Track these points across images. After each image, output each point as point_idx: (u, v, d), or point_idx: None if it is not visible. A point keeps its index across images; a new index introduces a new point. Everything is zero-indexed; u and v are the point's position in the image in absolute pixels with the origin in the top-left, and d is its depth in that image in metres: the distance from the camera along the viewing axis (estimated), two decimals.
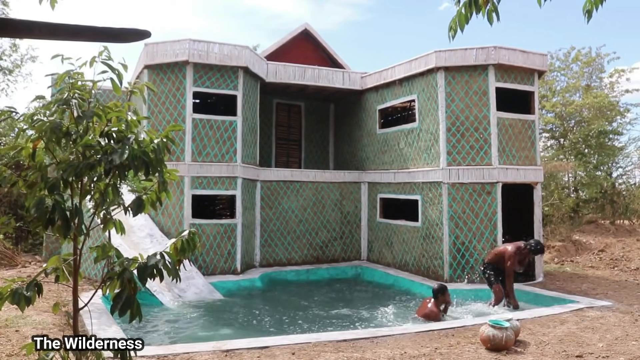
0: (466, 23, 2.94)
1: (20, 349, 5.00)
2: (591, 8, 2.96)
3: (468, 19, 2.93)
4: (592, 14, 2.97)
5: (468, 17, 2.92)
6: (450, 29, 3.01)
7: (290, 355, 5.15)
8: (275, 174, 12.31)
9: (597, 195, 18.67)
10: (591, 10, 2.96)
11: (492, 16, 2.90)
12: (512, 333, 5.51)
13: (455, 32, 3.00)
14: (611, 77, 20.68)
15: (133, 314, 2.57)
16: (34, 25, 2.33)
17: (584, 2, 2.98)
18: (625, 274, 10.84)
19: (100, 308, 7.07)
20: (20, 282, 2.62)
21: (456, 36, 3.03)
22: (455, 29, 2.98)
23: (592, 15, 2.96)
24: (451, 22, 3.00)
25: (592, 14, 2.96)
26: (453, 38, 3.03)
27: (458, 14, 2.95)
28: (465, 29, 3.00)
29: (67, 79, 2.74)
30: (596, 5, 2.94)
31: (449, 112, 10.26)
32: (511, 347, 5.47)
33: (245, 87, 11.15)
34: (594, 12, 2.98)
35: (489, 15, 2.89)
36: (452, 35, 3.01)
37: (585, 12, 2.97)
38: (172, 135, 2.79)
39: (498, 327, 5.49)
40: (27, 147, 2.75)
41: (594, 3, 2.94)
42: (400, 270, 11.46)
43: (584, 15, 2.98)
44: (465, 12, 2.92)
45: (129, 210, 2.80)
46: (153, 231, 10.31)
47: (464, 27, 2.95)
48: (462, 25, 2.95)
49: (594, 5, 2.95)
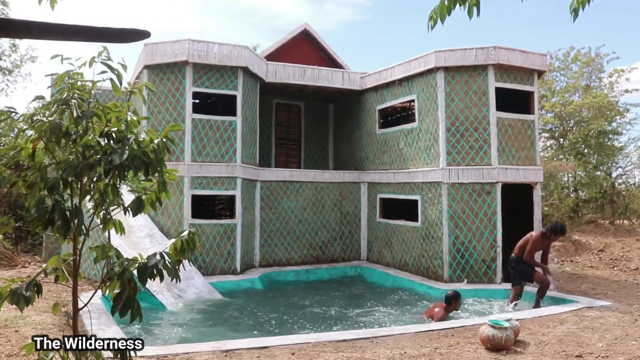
0: (448, 14, 2.91)
1: (20, 349, 5.00)
2: (577, 7, 2.97)
3: (450, 11, 2.90)
4: (578, 12, 2.98)
5: (450, 9, 2.90)
6: (431, 19, 2.97)
7: (290, 356, 5.15)
8: (275, 174, 12.31)
9: (596, 195, 18.68)
10: (577, 8, 2.98)
11: (472, 10, 2.89)
12: (511, 333, 5.50)
13: (435, 23, 2.96)
14: (611, 77, 20.69)
15: (133, 314, 2.57)
16: (33, 25, 2.33)
17: (571, 1, 2.99)
18: (624, 274, 10.85)
19: (99, 308, 7.07)
20: (19, 282, 2.62)
21: (435, 27, 3.00)
22: (435, 19, 2.95)
23: (578, 14, 2.97)
24: (432, 12, 2.96)
25: (578, 13, 2.98)
26: (432, 28, 2.98)
27: (440, 5, 2.92)
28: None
29: (66, 79, 2.74)
30: (582, 4, 2.95)
31: (448, 112, 10.26)
32: (511, 347, 5.47)
33: (244, 87, 11.15)
34: (581, 12, 2.99)
35: (470, 9, 2.88)
36: (432, 25, 2.97)
37: (572, 11, 2.99)
38: (171, 136, 2.79)
39: (498, 327, 5.48)
40: (26, 147, 2.75)
41: (581, 2, 2.95)
42: (399, 270, 11.46)
43: (570, 13, 2.99)
44: (449, 3, 2.91)
45: (128, 211, 2.80)
46: (153, 231, 10.31)
47: (445, 18, 2.92)
48: (444, 17, 2.92)
49: (580, 5, 2.96)
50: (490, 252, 9.89)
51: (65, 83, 2.73)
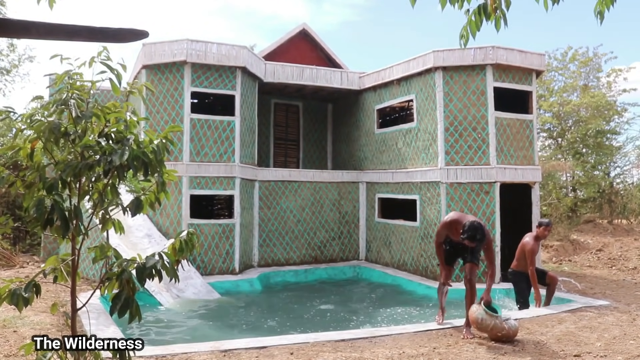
0: (477, 30, 2.99)
1: (19, 349, 4.99)
2: (602, 9, 2.96)
3: (479, 26, 2.98)
4: (604, 14, 2.97)
5: (479, 25, 2.97)
6: (462, 37, 3.07)
7: (289, 355, 5.15)
8: (274, 174, 12.30)
9: (594, 195, 18.71)
10: (602, 11, 2.96)
11: (499, 22, 2.94)
12: (500, 323, 5.68)
13: (467, 40, 3.07)
14: (608, 77, 20.75)
15: (132, 314, 2.56)
16: (31, 25, 2.32)
17: (595, 4, 2.98)
18: (623, 274, 10.87)
19: (98, 308, 7.06)
20: (18, 283, 2.62)
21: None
22: (467, 37, 3.06)
23: (604, 16, 2.96)
24: (462, 30, 3.07)
25: (604, 15, 2.96)
26: (465, 45, 3.10)
27: (469, 22, 3.00)
28: (461, 28, 3.04)
29: (66, 79, 2.73)
30: (607, 5, 2.94)
31: (447, 111, 10.27)
32: (498, 337, 5.67)
33: (243, 87, 11.15)
34: (580, 12, 3.00)
35: (497, 21, 2.93)
36: (464, 42, 3.09)
37: (597, 14, 2.97)
38: (170, 136, 2.79)
39: (489, 313, 5.74)
40: (25, 147, 2.74)
41: (605, 3, 2.94)
42: (398, 270, 11.46)
43: (596, 16, 2.97)
44: (476, 19, 2.96)
45: (127, 211, 2.80)
46: (151, 231, 10.30)
47: (475, 34, 3.03)
48: (474, 33, 3.03)
49: (605, 6, 2.95)
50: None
51: (65, 83, 2.73)
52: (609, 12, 2.97)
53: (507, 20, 2.92)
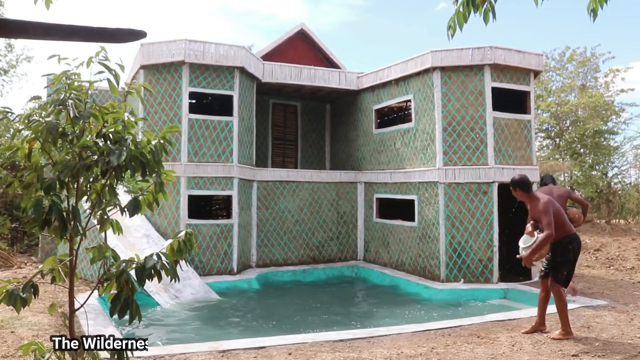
0: (465, 22, 2.98)
1: (17, 349, 4.99)
2: (596, 7, 2.96)
3: (466, 18, 2.96)
4: (597, 12, 2.97)
5: (466, 16, 2.96)
6: (449, 28, 3.05)
7: (287, 356, 5.15)
8: (272, 174, 12.30)
9: (592, 195, 18.72)
10: (596, 9, 2.97)
11: (488, 15, 2.93)
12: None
13: (454, 31, 3.05)
14: (606, 77, 20.75)
15: (132, 315, 2.56)
16: (28, 25, 2.32)
17: (588, 1, 2.99)
18: (621, 273, 10.89)
19: (96, 309, 7.06)
20: (16, 283, 2.61)
21: (455, 35, 3.06)
22: (454, 28, 3.03)
23: (597, 14, 2.96)
24: (450, 21, 3.05)
25: (597, 13, 2.97)
26: (452, 37, 3.09)
27: (457, 13, 2.99)
28: (463, 28, 3.03)
29: (64, 80, 2.73)
30: (600, 3, 2.94)
31: (445, 112, 10.28)
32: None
33: (241, 87, 11.15)
34: (580, 12, 3.01)
35: (485, 14, 2.92)
36: (452, 33, 3.07)
37: (590, 11, 2.98)
38: (169, 137, 2.78)
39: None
40: (23, 147, 2.73)
41: (599, 1, 2.94)
42: (396, 270, 11.47)
43: (589, 14, 2.98)
44: (464, 10, 2.96)
45: (125, 211, 2.79)
46: (149, 232, 10.28)
47: (462, 25, 3.00)
48: (461, 24, 3.00)
49: (598, 4, 2.95)
50: (487, 252, 9.91)
51: (62, 83, 2.72)
52: (602, 10, 2.98)
53: (496, 14, 2.92)
